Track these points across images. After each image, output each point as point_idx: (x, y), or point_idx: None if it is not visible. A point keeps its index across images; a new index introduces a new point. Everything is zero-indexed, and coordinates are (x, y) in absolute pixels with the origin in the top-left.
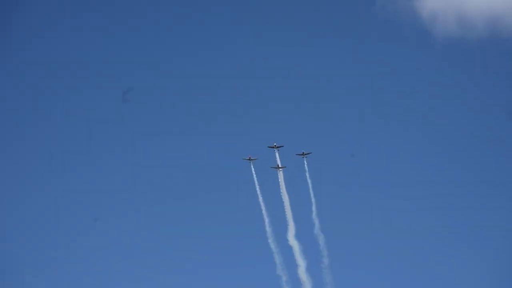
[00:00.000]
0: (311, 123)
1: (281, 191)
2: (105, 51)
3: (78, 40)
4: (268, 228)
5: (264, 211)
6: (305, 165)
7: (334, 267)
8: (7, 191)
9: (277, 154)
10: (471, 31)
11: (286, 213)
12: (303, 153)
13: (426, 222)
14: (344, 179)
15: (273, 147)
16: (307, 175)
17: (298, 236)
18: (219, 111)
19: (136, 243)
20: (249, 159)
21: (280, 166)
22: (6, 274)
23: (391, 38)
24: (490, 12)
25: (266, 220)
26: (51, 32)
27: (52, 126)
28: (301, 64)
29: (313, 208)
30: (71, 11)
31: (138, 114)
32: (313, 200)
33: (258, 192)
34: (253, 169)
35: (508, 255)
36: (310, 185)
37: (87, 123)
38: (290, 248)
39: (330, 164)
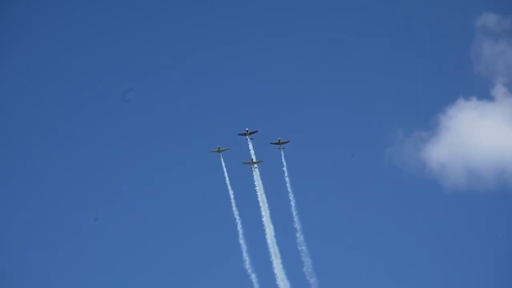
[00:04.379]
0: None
1: (257, 191)
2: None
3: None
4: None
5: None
6: (282, 158)
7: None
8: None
9: (250, 145)
10: (479, 183)
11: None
12: (279, 141)
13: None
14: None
15: (245, 134)
16: (285, 170)
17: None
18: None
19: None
20: (218, 151)
21: (254, 160)
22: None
23: (399, 190)
24: (498, 163)
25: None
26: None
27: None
28: None
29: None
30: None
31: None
32: (292, 199)
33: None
34: (223, 162)
35: None
36: (288, 182)
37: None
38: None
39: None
